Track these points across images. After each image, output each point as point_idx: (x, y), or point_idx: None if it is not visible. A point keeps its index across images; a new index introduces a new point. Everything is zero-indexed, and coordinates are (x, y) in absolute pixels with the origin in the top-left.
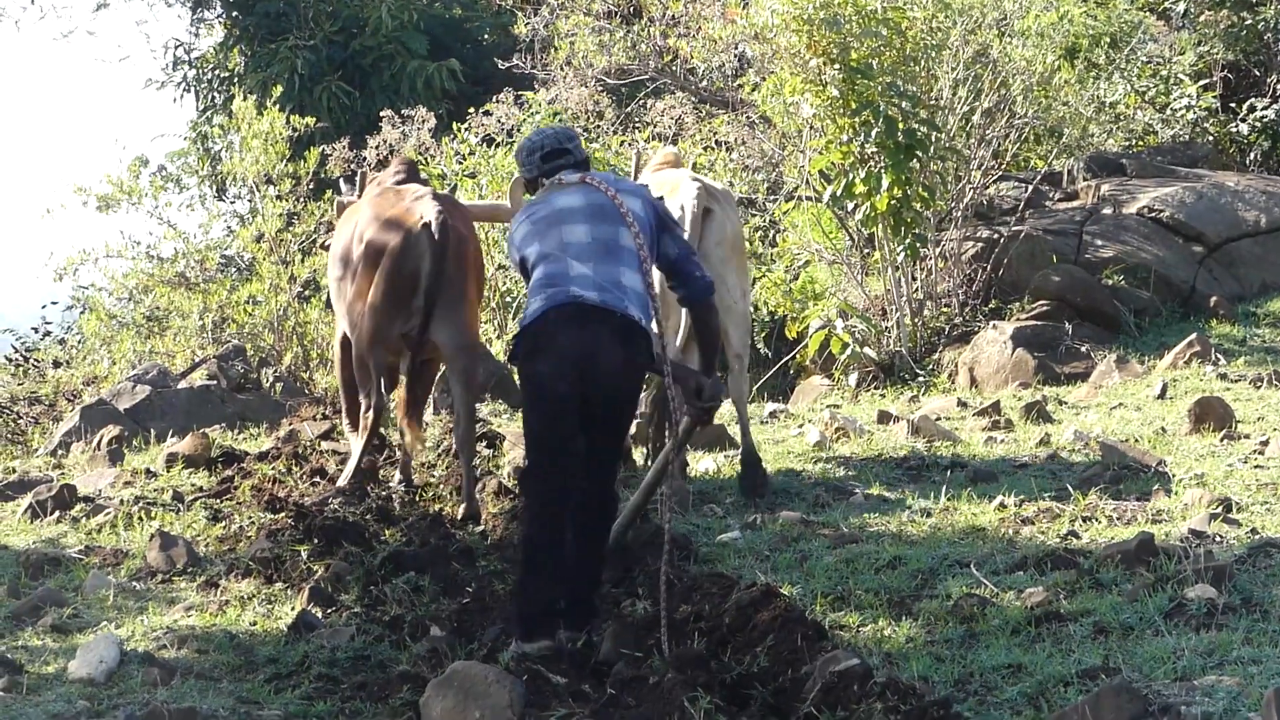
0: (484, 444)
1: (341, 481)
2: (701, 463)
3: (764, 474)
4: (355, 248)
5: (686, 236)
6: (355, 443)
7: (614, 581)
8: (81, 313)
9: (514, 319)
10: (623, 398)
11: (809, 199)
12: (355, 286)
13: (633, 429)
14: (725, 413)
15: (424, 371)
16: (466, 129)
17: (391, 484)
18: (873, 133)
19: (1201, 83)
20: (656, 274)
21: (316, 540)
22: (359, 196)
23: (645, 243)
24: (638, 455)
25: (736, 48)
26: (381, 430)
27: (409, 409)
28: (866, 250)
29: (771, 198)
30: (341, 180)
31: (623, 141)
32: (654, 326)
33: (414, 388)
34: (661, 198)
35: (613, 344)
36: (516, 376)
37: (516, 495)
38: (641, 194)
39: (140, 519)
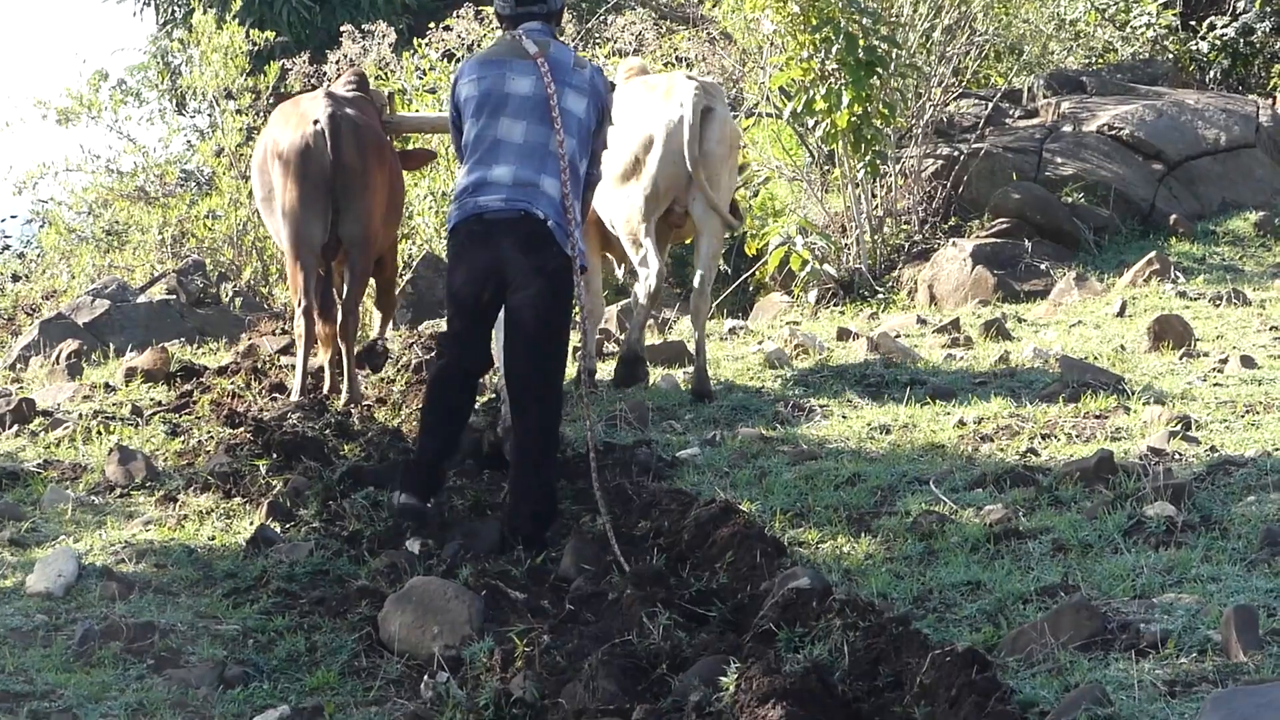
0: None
1: (293, 396)
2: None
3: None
4: (268, 160)
5: (686, 140)
6: (299, 352)
7: (574, 498)
8: (41, 227)
9: None
10: (541, 296)
11: (769, 115)
12: (275, 195)
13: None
14: (685, 329)
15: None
16: (427, 44)
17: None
18: (833, 49)
19: (1161, 0)
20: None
21: (275, 455)
22: None
23: (573, 148)
24: None
25: None
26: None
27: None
28: (826, 167)
29: (732, 114)
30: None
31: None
32: (572, 226)
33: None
34: (614, 85)
35: (515, 253)
36: None
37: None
38: (590, 92)
39: (99, 433)
